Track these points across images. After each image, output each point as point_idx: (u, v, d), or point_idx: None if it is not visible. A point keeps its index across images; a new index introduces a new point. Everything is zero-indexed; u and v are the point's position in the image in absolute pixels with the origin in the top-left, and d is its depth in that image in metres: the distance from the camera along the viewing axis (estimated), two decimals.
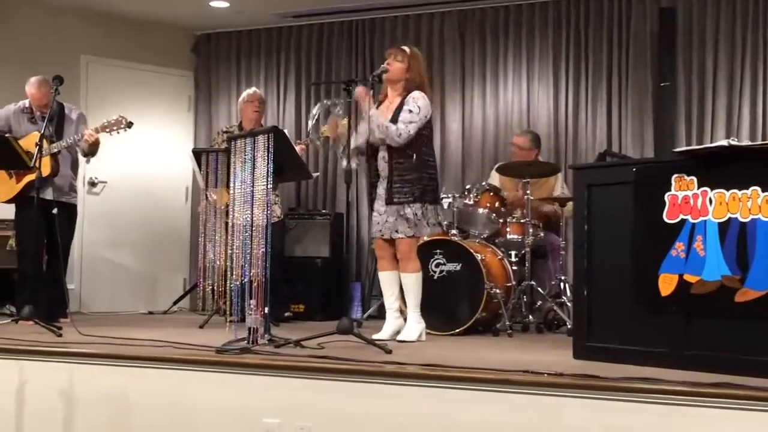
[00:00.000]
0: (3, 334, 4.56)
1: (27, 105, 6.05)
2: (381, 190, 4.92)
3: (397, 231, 4.87)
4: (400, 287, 5.01)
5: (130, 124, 5.72)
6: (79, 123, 6.07)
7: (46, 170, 5.67)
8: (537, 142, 6.57)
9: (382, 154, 4.92)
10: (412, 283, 4.93)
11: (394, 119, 4.87)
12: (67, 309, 5.72)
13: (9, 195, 5.90)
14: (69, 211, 6.08)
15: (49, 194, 5.66)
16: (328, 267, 7.12)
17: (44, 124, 5.35)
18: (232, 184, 4.43)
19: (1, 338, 4.38)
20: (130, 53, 7.93)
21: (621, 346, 3.80)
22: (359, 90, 4.75)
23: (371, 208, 5.03)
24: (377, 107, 5.06)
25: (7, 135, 5.51)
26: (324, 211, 7.50)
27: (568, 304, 5.85)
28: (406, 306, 5.02)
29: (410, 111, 4.86)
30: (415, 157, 4.86)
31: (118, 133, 5.75)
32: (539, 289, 5.92)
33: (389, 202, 4.87)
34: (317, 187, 7.83)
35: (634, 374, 3.31)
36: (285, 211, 7.08)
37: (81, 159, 6.22)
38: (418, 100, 4.90)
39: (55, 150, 5.79)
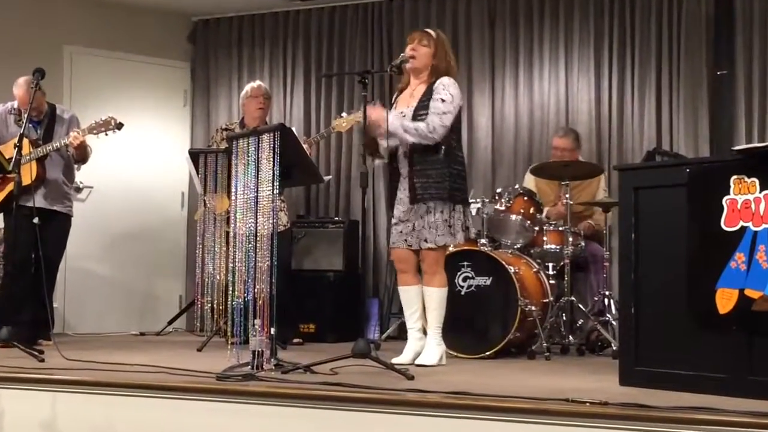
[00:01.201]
0: None
1: (15, 106, 6.13)
2: (402, 192, 4.91)
3: (426, 240, 4.85)
4: (423, 304, 5.00)
5: (119, 126, 5.78)
6: (71, 125, 6.14)
7: (30, 177, 5.73)
8: (579, 142, 6.58)
9: (403, 150, 4.90)
10: (438, 299, 4.93)
11: (419, 109, 4.85)
12: (51, 330, 5.75)
13: None
14: (60, 221, 6.14)
15: (38, 201, 5.73)
16: (341, 282, 7.13)
17: (24, 126, 5.40)
18: (233, 189, 4.44)
19: None
20: (118, 42, 7.98)
21: (674, 371, 3.77)
22: (373, 113, 4.74)
23: (390, 214, 5.03)
24: (396, 97, 5.07)
25: None
26: (337, 218, 7.51)
27: (613, 322, 5.82)
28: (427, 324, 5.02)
29: (443, 100, 4.83)
30: (443, 150, 4.85)
31: (106, 135, 5.82)
32: (580, 305, 5.90)
33: (413, 200, 4.84)
34: (329, 191, 7.85)
35: (688, 403, 3.28)
36: (292, 218, 7.09)
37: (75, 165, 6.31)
38: (449, 87, 4.88)
39: (41, 154, 5.85)
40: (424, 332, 5.03)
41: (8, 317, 5.52)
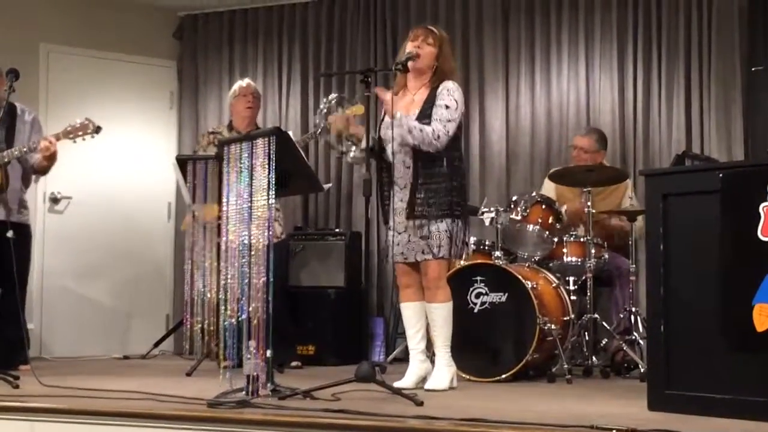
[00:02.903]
0: None
1: None
2: (399, 202, 4.94)
3: (423, 252, 4.88)
4: (427, 322, 5.01)
5: (97, 129, 5.74)
6: (32, 129, 6.10)
7: None
8: (603, 143, 6.58)
9: (402, 158, 4.92)
10: (442, 315, 4.93)
11: (422, 117, 4.88)
12: (28, 353, 5.75)
13: None
14: (23, 233, 6.11)
15: (0, 213, 5.71)
16: (343, 299, 7.13)
17: None
18: (224, 199, 4.44)
19: None
20: (98, 40, 8.00)
21: (708, 395, 3.77)
22: (380, 93, 4.76)
23: (386, 225, 5.05)
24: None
25: None
26: (337, 230, 7.52)
27: (641, 342, 5.82)
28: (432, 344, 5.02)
29: (447, 107, 4.87)
30: (445, 162, 4.88)
31: (83, 140, 5.77)
32: (604, 323, 5.90)
33: (411, 215, 4.88)
34: (329, 200, 7.86)
35: (724, 430, 3.28)
36: (289, 230, 7.10)
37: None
38: (453, 92, 4.92)
39: (6, 160, 5.82)
40: (431, 354, 5.04)
41: None
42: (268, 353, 4.25)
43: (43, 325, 7.65)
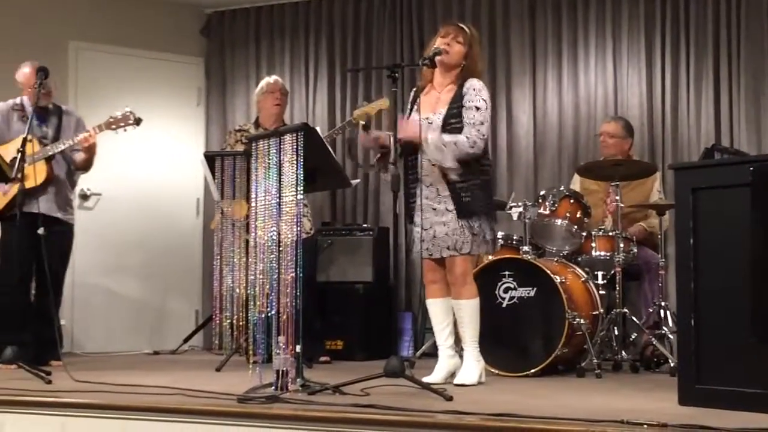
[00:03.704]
0: None
1: (18, 102, 6.19)
2: (425, 199, 4.93)
3: (448, 248, 4.87)
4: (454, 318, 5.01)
5: (138, 121, 5.89)
6: (77, 129, 6.18)
7: (40, 177, 5.81)
8: (629, 130, 6.56)
9: (427, 156, 4.91)
10: (470, 311, 4.92)
11: (450, 117, 4.87)
12: (60, 350, 5.80)
13: None
14: (64, 231, 6.18)
15: (43, 207, 5.84)
16: (371, 294, 7.14)
17: (29, 122, 5.46)
18: (252, 195, 4.46)
19: None
20: (127, 38, 8.04)
21: (739, 389, 3.74)
22: (407, 128, 4.76)
23: (410, 221, 5.05)
24: (417, 94, 5.07)
25: None
26: (365, 225, 7.52)
27: (671, 336, 5.79)
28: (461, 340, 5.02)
29: (477, 108, 4.86)
30: (472, 160, 4.88)
31: (125, 130, 5.91)
32: (633, 318, 5.88)
33: (435, 212, 4.88)
34: (356, 196, 7.86)
35: (756, 424, 3.26)
36: (317, 226, 7.11)
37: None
38: (480, 92, 4.91)
39: (50, 153, 5.91)
40: (459, 349, 5.04)
41: (11, 336, 5.57)
42: (298, 348, 4.26)
43: (74, 321, 7.71)
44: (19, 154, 5.26)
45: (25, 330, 5.88)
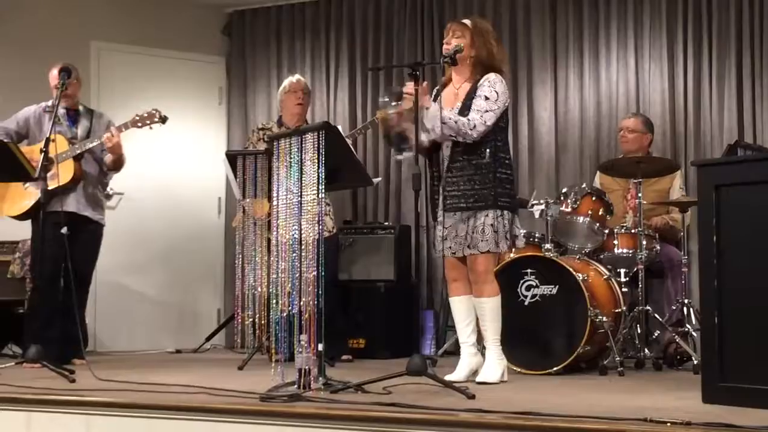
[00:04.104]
0: (6, 380, 4.68)
1: (50, 104, 6.24)
2: (445, 196, 4.93)
3: (469, 246, 4.87)
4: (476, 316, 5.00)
5: (164, 118, 5.98)
6: (108, 130, 6.21)
7: (67, 176, 5.86)
8: (650, 126, 6.57)
9: (447, 153, 4.93)
10: (491, 309, 4.92)
11: (465, 109, 4.87)
12: (83, 348, 5.84)
13: (23, 209, 6.05)
14: (92, 230, 6.24)
15: (72, 206, 5.87)
16: (393, 293, 7.14)
17: (52, 122, 5.51)
18: (274, 194, 4.46)
19: (4, 385, 4.48)
20: (148, 38, 8.08)
21: (764, 387, 3.72)
22: (412, 89, 4.73)
23: (434, 219, 5.04)
24: (440, 91, 5.07)
25: (6, 141, 5.66)
26: (387, 223, 7.52)
27: (694, 333, 5.79)
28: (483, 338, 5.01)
29: (486, 98, 4.86)
30: (488, 153, 4.86)
31: (150, 128, 5.98)
32: (656, 315, 5.86)
33: (454, 208, 4.88)
34: (378, 194, 7.86)
35: None
36: (338, 224, 7.11)
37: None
38: (495, 84, 4.90)
39: (78, 151, 5.97)
40: (482, 347, 5.03)
41: (36, 335, 5.61)
42: (320, 347, 4.27)
43: (98, 320, 7.73)
44: (42, 154, 5.30)
45: (52, 328, 5.93)
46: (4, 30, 7.52)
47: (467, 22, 5.05)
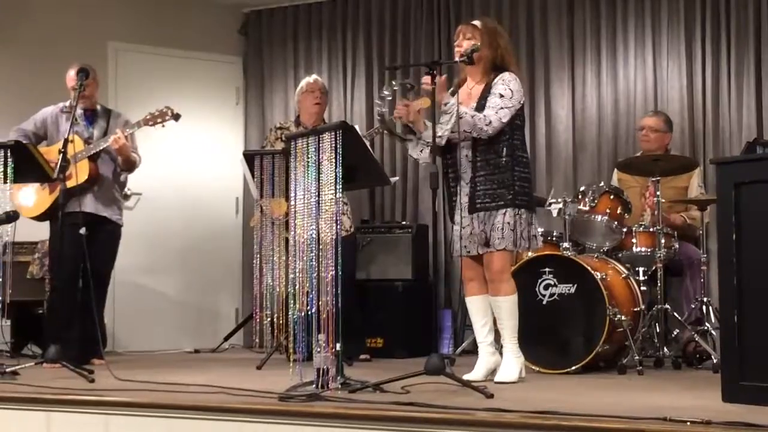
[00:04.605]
0: (26, 380, 4.71)
1: (68, 105, 6.27)
2: (463, 196, 4.93)
3: (486, 244, 4.86)
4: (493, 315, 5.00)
5: (177, 116, 5.97)
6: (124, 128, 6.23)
7: (82, 175, 5.89)
8: (670, 125, 6.55)
9: (465, 152, 4.93)
10: (507, 308, 4.92)
11: (479, 109, 4.87)
12: (103, 348, 5.87)
13: (40, 209, 6.08)
14: (110, 230, 6.26)
15: (89, 206, 5.89)
16: (411, 292, 7.14)
17: (70, 121, 5.54)
18: (292, 193, 4.47)
19: (24, 385, 4.51)
20: (166, 38, 8.11)
21: None
22: (429, 80, 4.73)
23: (452, 220, 5.04)
24: (455, 92, 5.07)
25: (25, 142, 5.68)
26: (404, 223, 7.53)
27: (713, 332, 5.76)
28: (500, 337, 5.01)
29: (501, 95, 4.86)
30: (505, 151, 4.86)
31: (163, 126, 5.98)
32: (675, 314, 5.83)
33: (472, 209, 4.88)
34: (395, 194, 7.87)
35: None
36: (356, 224, 7.12)
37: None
38: (509, 82, 4.90)
39: (93, 151, 5.99)
40: (499, 346, 5.03)
41: (56, 335, 5.64)
42: (338, 346, 4.27)
43: (116, 320, 7.77)
44: (61, 154, 5.33)
45: (71, 328, 5.96)
46: (22, 31, 7.56)
47: (477, 23, 5.06)
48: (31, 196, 6.13)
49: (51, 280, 6.23)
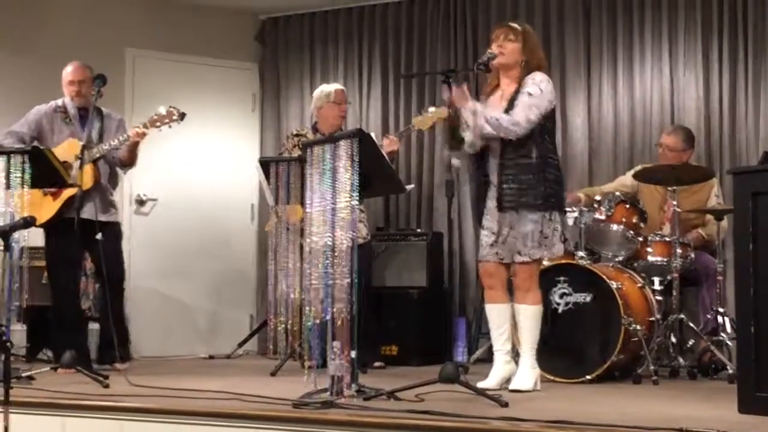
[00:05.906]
0: (41, 385, 4.73)
1: (60, 104, 6.25)
2: (491, 201, 4.91)
3: (519, 253, 4.85)
4: (512, 323, 4.98)
5: (182, 116, 5.93)
6: (119, 130, 6.23)
7: (88, 182, 5.83)
8: (690, 142, 6.45)
9: (494, 156, 4.90)
10: (532, 317, 4.91)
11: (510, 109, 4.85)
12: (129, 345, 5.87)
13: (48, 215, 6.07)
14: (114, 232, 6.25)
15: (88, 212, 5.85)
16: (425, 299, 7.13)
17: (87, 127, 5.55)
18: (307, 201, 4.47)
19: (39, 390, 4.53)
20: (182, 45, 8.14)
21: None
22: (450, 91, 4.72)
23: (479, 225, 5.02)
24: (487, 97, 5.06)
25: (42, 147, 5.70)
26: (419, 230, 7.53)
27: (729, 343, 5.73)
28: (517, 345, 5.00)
29: (530, 94, 4.83)
30: (535, 153, 4.83)
31: (169, 127, 5.94)
32: (691, 324, 5.81)
33: (501, 208, 4.83)
34: (410, 201, 7.86)
35: None
36: (372, 231, 7.12)
37: (119, 171, 6.44)
38: (540, 82, 4.88)
39: (97, 155, 5.97)
40: (515, 355, 5.02)
41: (63, 341, 5.65)
42: (352, 354, 4.27)
43: (130, 325, 7.74)
44: (78, 160, 5.34)
45: (80, 333, 5.97)
46: (41, 38, 7.59)
47: (517, 25, 5.03)
48: (37, 204, 6.10)
49: (52, 288, 6.18)
